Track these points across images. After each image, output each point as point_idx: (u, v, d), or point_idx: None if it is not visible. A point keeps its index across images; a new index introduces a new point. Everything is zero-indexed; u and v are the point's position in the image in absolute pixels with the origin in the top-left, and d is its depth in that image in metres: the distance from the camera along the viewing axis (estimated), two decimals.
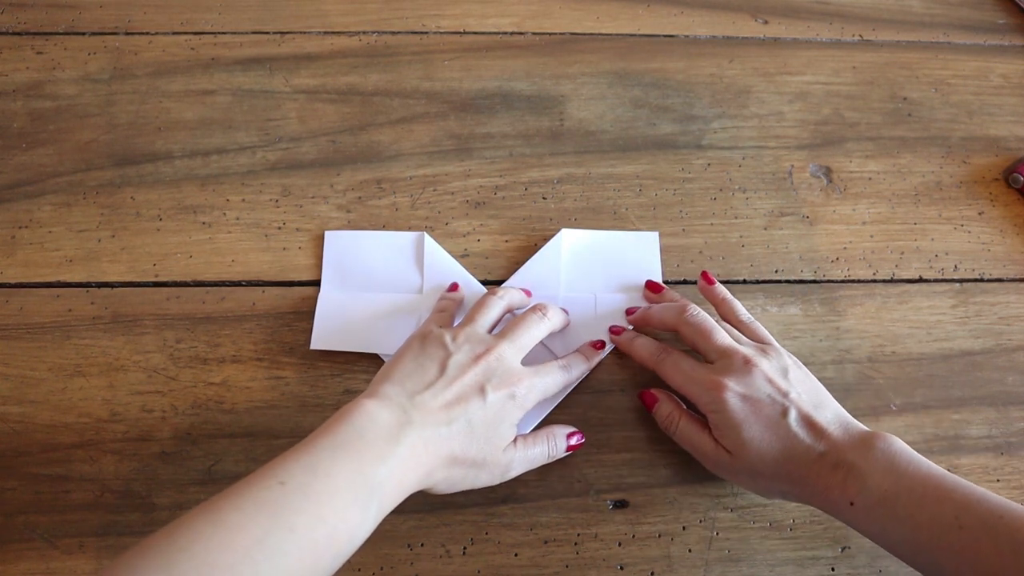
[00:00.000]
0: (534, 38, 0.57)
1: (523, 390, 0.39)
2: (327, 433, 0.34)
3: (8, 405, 0.44)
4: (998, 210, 0.52)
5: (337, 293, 0.47)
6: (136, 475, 0.42)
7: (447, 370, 0.38)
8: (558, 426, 0.42)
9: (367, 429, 0.34)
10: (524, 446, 0.40)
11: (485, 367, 0.38)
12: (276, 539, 0.29)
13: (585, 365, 0.44)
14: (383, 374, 0.38)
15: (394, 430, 0.34)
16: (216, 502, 0.30)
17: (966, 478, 0.44)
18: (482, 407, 0.37)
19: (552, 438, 0.41)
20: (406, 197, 0.51)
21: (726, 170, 0.53)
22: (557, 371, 0.42)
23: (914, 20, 0.60)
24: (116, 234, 0.49)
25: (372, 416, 0.35)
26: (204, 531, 0.28)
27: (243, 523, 0.29)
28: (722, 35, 0.58)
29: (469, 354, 0.39)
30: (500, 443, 0.38)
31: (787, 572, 0.41)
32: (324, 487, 0.31)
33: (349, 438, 0.33)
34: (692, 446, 0.41)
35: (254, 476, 0.31)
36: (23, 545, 0.40)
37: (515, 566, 0.41)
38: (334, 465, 0.32)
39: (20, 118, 0.52)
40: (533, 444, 0.40)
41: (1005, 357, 0.47)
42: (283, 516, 0.30)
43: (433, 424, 0.36)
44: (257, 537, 0.29)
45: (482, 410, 0.37)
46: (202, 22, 0.57)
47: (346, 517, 0.31)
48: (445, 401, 0.37)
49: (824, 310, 0.48)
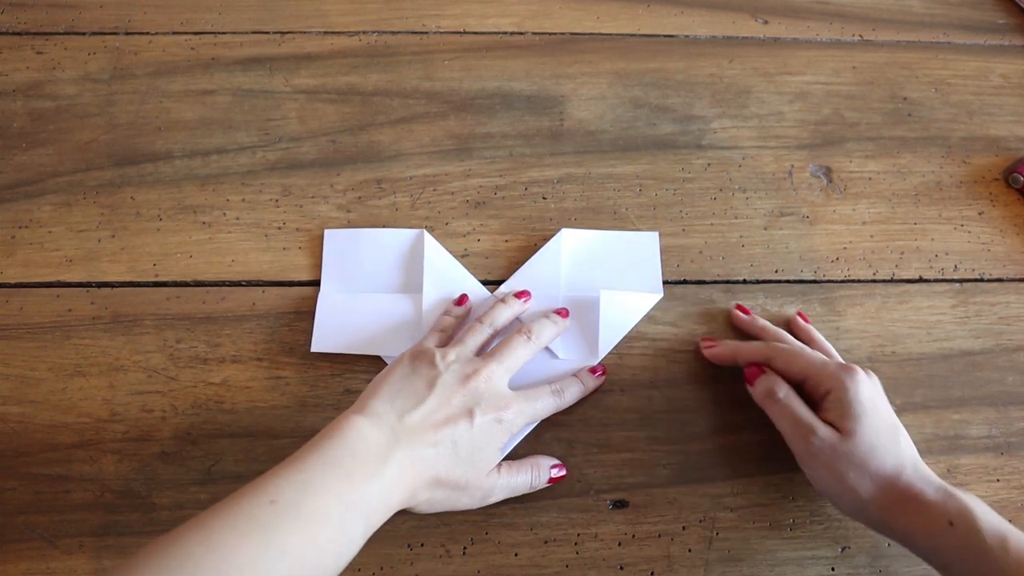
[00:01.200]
0: (534, 38, 0.57)
1: (511, 415, 0.39)
2: (318, 449, 0.33)
3: (8, 405, 0.44)
4: (998, 210, 0.52)
5: (337, 293, 0.47)
6: (136, 475, 0.42)
7: (435, 390, 0.37)
8: (543, 457, 0.42)
9: (358, 448, 0.34)
10: (508, 474, 0.39)
11: (474, 389, 0.38)
12: (267, 562, 0.29)
13: (580, 391, 0.43)
14: (372, 389, 0.38)
15: (383, 449, 0.34)
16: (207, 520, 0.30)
17: (966, 478, 0.44)
18: (469, 430, 0.37)
19: (537, 469, 0.41)
20: (406, 197, 0.51)
21: (726, 170, 0.53)
22: (548, 396, 0.41)
23: (914, 20, 0.60)
24: (116, 234, 0.49)
25: (363, 434, 0.34)
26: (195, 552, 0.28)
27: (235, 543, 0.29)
28: (722, 35, 0.58)
29: (458, 375, 0.38)
30: (485, 467, 0.38)
31: (787, 572, 0.41)
32: (315, 507, 0.31)
33: (340, 456, 0.33)
34: (793, 419, 0.39)
35: (245, 492, 0.31)
36: (23, 545, 0.41)
37: (515, 566, 0.41)
38: (325, 483, 0.32)
39: (20, 118, 0.52)
40: (517, 472, 0.40)
41: (1005, 357, 0.47)
42: (275, 537, 0.30)
43: (420, 445, 0.36)
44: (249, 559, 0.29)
45: (468, 433, 0.37)
46: (202, 22, 0.57)
47: (336, 537, 0.31)
48: (433, 422, 0.36)
49: (824, 310, 0.48)
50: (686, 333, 0.47)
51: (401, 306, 0.46)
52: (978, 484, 0.44)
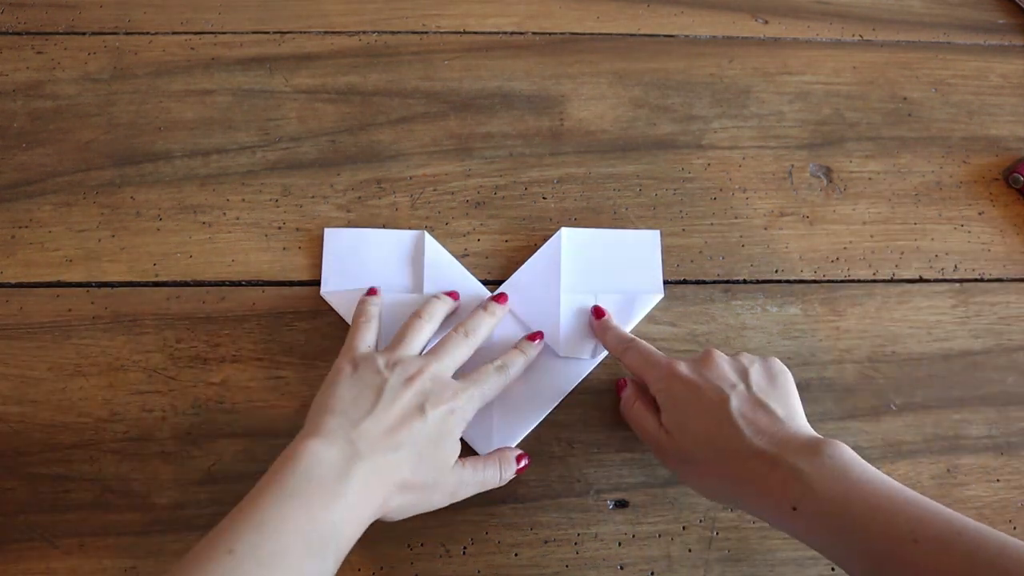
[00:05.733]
0: (534, 38, 0.57)
1: (461, 403, 0.39)
2: (272, 482, 0.32)
3: (8, 405, 0.44)
4: (998, 210, 0.52)
5: (337, 293, 0.47)
6: (136, 475, 0.42)
7: (383, 395, 0.37)
8: (508, 449, 0.42)
9: (313, 471, 0.33)
10: (474, 468, 0.39)
11: (420, 387, 0.38)
12: None
13: (523, 361, 0.43)
14: (320, 407, 0.37)
15: (342, 465, 0.34)
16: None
17: (966, 478, 0.44)
18: (423, 426, 0.37)
19: (504, 461, 0.41)
20: (406, 197, 0.51)
21: (726, 170, 0.53)
22: (493, 375, 0.41)
23: (914, 20, 0.60)
24: (116, 234, 0.49)
25: (318, 456, 0.33)
26: None
27: None
28: (722, 35, 0.58)
29: (402, 376, 0.38)
30: (448, 460, 0.38)
31: (787, 572, 0.41)
32: (274, 547, 0.30)
33: (296, 484, 0.32)
34: (639, 426, 0.41)
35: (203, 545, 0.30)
36: (23, 545, 0.41)
37: (515, 566, 0.41)
38: (283, 521, 0.31)
39: (20, 118, 0.52)
40: (484, 467, 0.40)
41: (1005, 357, 0.47)
42: None
43: (381, 451, 0.35)
44: None
45: (424, 430, 0.37)
46: (202, 22, 0.57)
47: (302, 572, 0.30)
48: (388, 426, 0.36)
49: (824, 310, 0.48)
50: (686, 333, 0.47)
51: (401, 306, 0.46)
52: (978, 484, 0.44)
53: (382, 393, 0.37)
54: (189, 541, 0.41)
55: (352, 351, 0.40)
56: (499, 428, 0.43)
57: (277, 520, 0.31)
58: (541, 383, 0.45)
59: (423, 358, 0.40)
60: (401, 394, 0.37)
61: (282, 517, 0.31)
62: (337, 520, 0.32)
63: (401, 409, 0.37)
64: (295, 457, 0.33)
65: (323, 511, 0.32)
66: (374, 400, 0.37)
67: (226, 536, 0.30)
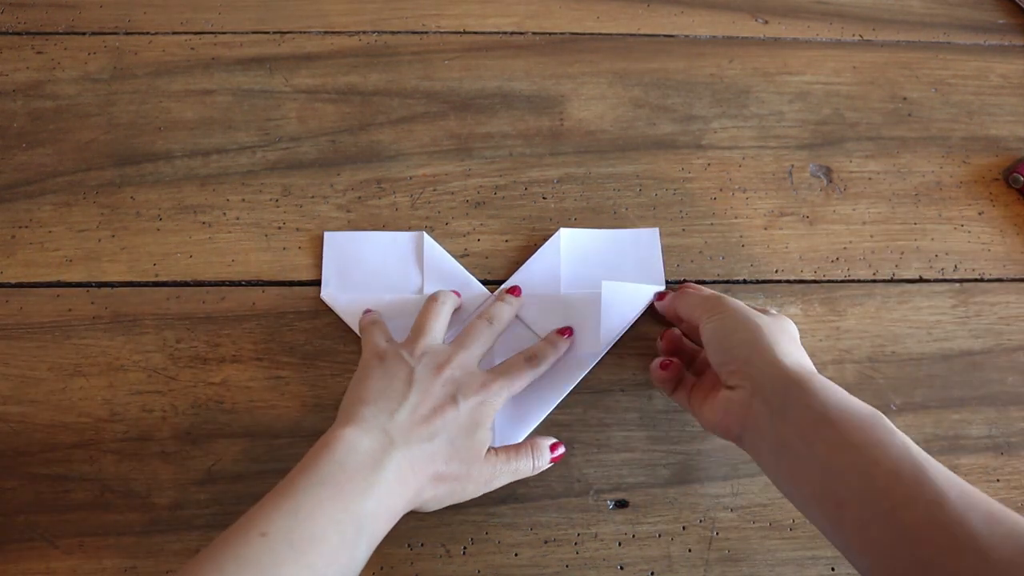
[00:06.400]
0: (534, 38, 0.57)
1: (492, 394, 0.39)
2: (307, 470, 0.32)
3: (8, 405, 0.44)
4: (998, 210, 0.52)
5: (337, 295, 0.47)
6: (136, 475, 0.42)
7: (414, 384, 0.37)
8: (541, 438, 0.42)
9: (348, 460, 0.33)
10: (508, 457, 0.39)
11: (450, 375, 0.38)
12: None
13: (553, 355, 0.43)
14: (353, 398, 0.37)
15: (377, 455, 0.34)
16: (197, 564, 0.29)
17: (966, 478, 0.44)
18: (457, 416, 0.37)
19: (538, 450, 0.41)
20: (406, 197, 0.51)
21: (726, 170, 0.53)
22: (524, 368, 0.41)
23: (914, 20, 0.60)
24: (116, 234, 0.49)
25: (352, 445, 0.33)
26: None
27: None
28: (722, 35, 0.58)
29: (430, 364, 0.38)
30: (480, 450, 0.38)
31: (787, 572, 0.41)
32: (308, 532, 0.30)
33: (330, 472, 0.32)
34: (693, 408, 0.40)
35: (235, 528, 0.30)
36: (23, 545, 0.40)
37: (515, 566, 0.41)
38: (317, 506, 0.31)
39: (20, 118, 0.52)
40: (517, 456, 0.40)
41: (1005, 357, 0.47)
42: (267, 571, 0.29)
43: (416, 440, 0.35)
44: None
45: (457, 420, 0.37)
46: (202, 22, 0.57)
47: (334, 559, 0.30)
48: (422, 416, 0.36)
49: (824, 310, 0.48)
50: None
51: (401, 307, 0.46)
52: (978, 484, 0.44)
53: (412, 382, 0.37)
54: (189, 541, 0.41)
55: (374, 346, 0.41)
56: (501, 427, 0.43)
57: (311, 506, 0.31)
58: (542, 382, 0.45)
59: (449, 346, 0.40)
60: (432, 383, 0.37)
61: (317, 503, 0.31)
62: (370, 509, 0.32)
63: (434, 399, 0.37)
64: (330, 445, 0.33)
65: (357, 499, 0.32)
66: (405, 390, 0.37)
67: (259, 520, 0.30)
